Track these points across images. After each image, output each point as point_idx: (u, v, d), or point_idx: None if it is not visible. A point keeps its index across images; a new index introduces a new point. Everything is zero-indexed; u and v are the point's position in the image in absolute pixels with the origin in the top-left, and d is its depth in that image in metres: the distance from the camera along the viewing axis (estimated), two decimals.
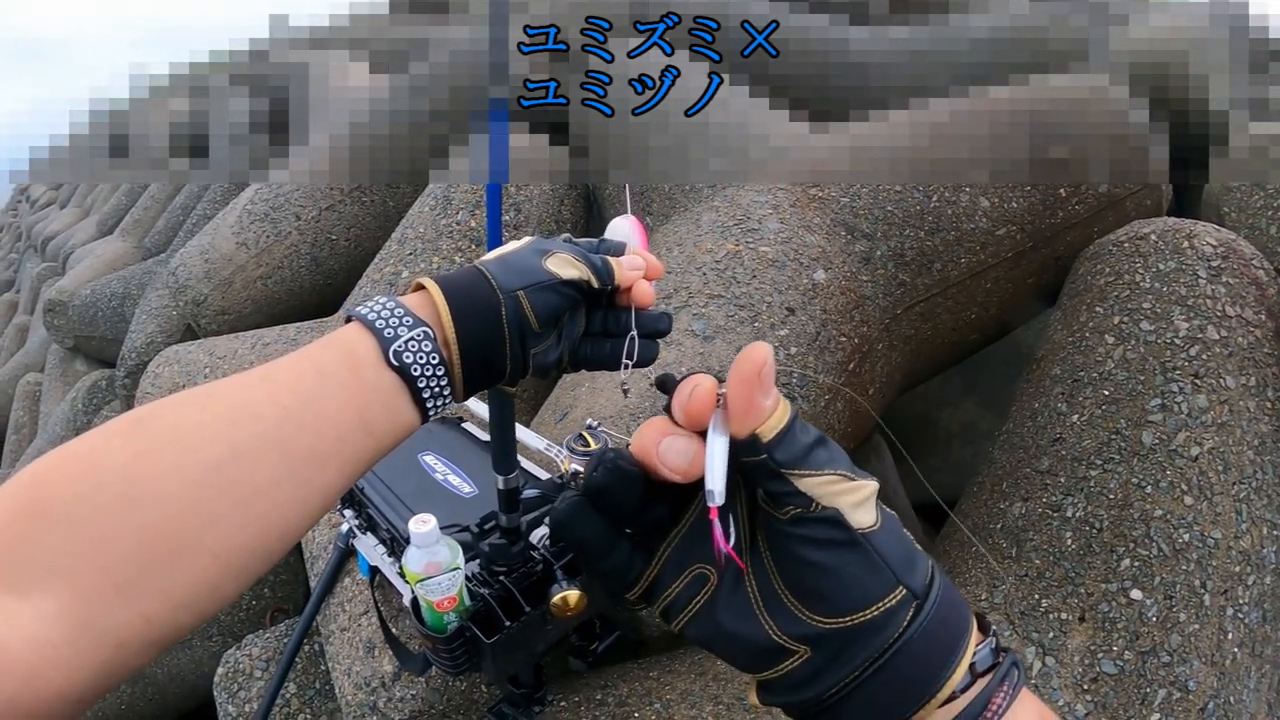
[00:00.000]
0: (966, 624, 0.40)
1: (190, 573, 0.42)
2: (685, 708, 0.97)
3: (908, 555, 0.40)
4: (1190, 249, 1.16)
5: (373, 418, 0.50)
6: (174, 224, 3.50)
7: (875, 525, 0.39)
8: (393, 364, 0.50)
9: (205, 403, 0.46)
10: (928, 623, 0.39)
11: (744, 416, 0.38)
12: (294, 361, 0.50)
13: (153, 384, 1.86)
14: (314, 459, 0.47)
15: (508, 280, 0.55)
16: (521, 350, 0.56)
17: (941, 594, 0.40)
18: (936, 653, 0.39)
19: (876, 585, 0.38)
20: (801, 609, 0.39)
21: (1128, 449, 1.09)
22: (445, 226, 1.59)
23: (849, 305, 1.22)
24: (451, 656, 0.81)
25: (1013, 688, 0.41)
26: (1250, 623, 1.06)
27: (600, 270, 0.58)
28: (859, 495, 0.39)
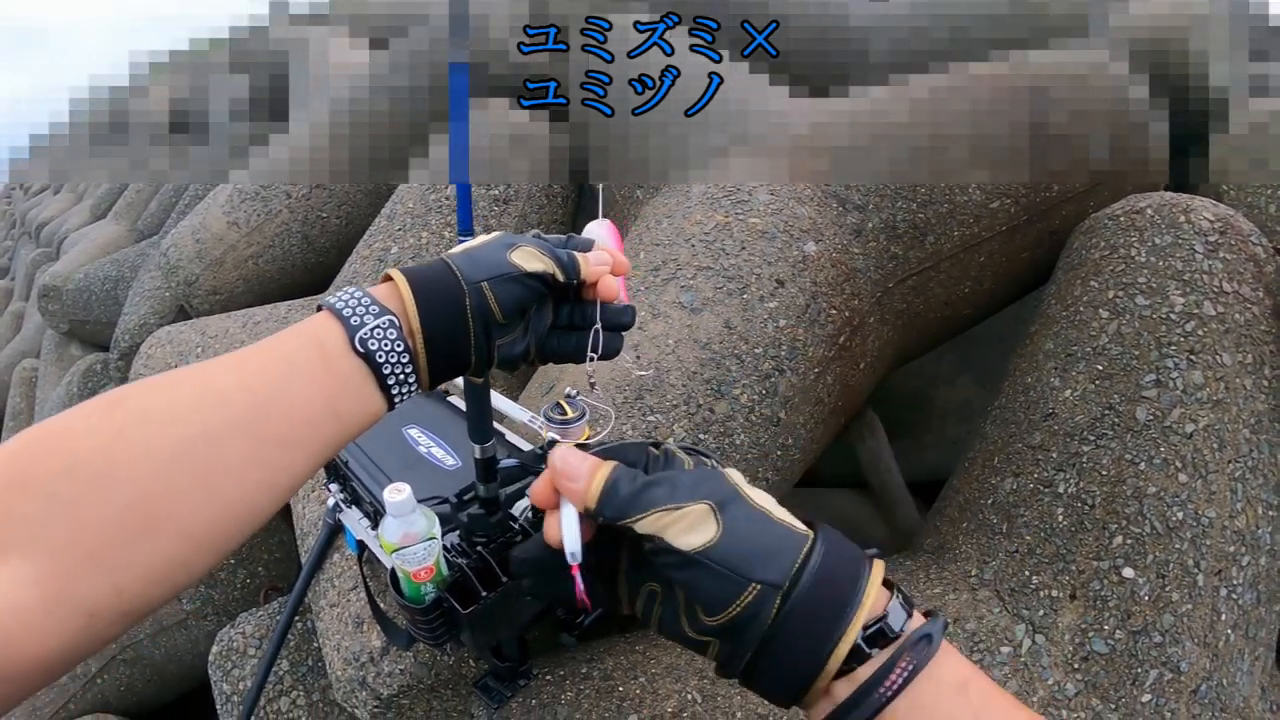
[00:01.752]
0: (851, 600, 0.47)
1: (161, 548, 0.44)
2: (670, 681, 0.96)
3: (764, 552, 0.48)
4: (1187, 224, 1.14)
5: (340, 404, 0.52)
6: (167, 205, 3.49)
7: (711, 540, 0.48)
8: (358, 350, 0.52)
9: (179, 387, 0.48)
10: (798, 606, 0.46)
11: (571, 498, 0.52)
12: (264, 348, 0.52)
13: (146, 365, 1.85)
14: (282, 443, 0.49)
15: (472, 272, 0.57)
16: (486, 341, 0.57)
17: (817, 576, 0.47)
18: (815, 629, 0.46)
19: (727, 589, 0.47)
20: (688, 612, 0.49)
21: (1121, 425, 1.07)
22: (434, 202, 1.58)
23: (840, 278, 1.21)
24: (430, 627, 0.81)
25: (916, 660, 0.46)
26: (1244, 604, 1.04)
27: (566, 264, 0.60)
28: (684, 522, 0.48)
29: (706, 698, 0.95)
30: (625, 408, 1.04)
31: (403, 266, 0.58)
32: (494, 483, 0.79)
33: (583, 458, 0.53)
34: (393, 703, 1.04)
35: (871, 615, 0.47)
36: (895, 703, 0.46)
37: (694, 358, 1.07)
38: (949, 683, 0.47)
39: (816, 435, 1.19)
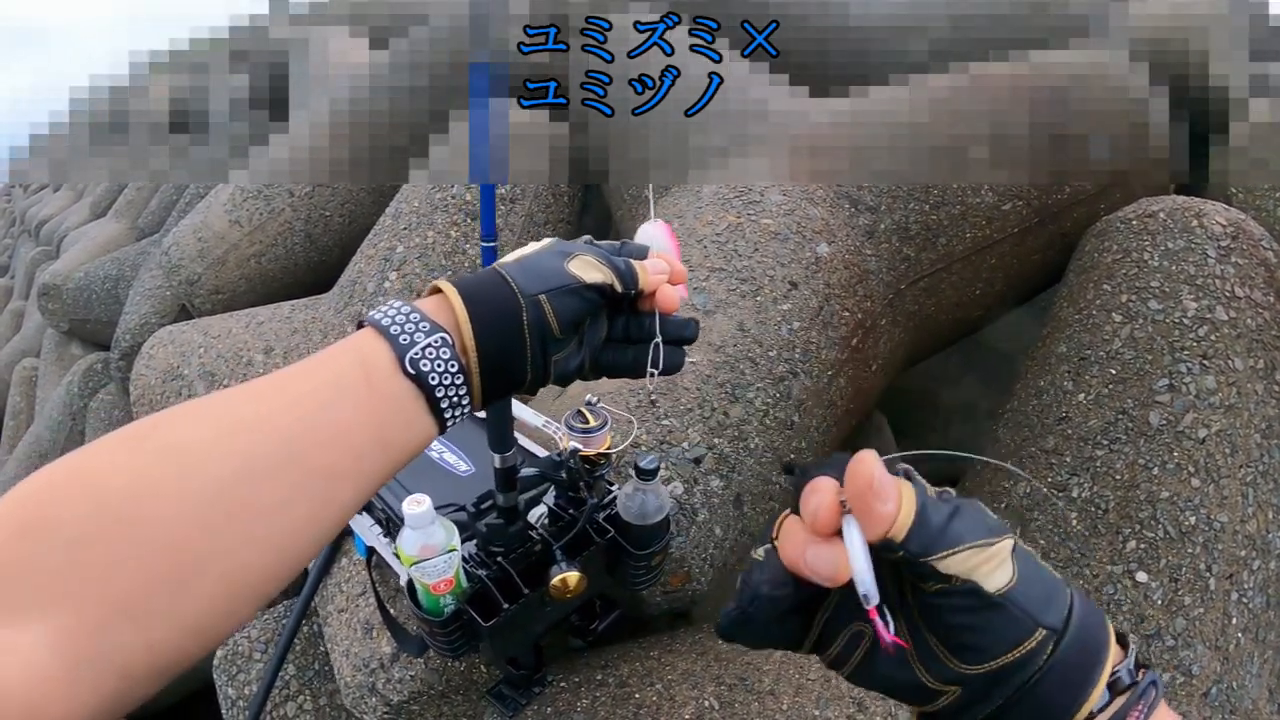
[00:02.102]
0: (1104, 647, 0.42)
1: (198, 598, 0.40)
2: (686, 688, 0.95)
3: (1046, 595, 0.42)
4: (1199, 228, 1.14)
5: (388, 431, 0.48)
6: (167, 204, 3.47)
7: (1012, 581, 0.41)
8: (409, 372, 0.48)
9: (213, 417, 0.44)
10: (1066, 654, 0.42)
11: (872, 527, 0.40)
12: (304, 372, 0.47)
13: (147, 365, 1.84)
14: (326, 475, 0.45)
15: (529, 284, 0.53)
16: (543, 357, 0.54)
17: (1079, 622, 0.42)
18: (1075, 678, 0.42)
19: (1017, 633, 0.41)
20: (950, 659, 0.42)
21: (1134, 429, 1.07)
22: (440, 201, 1.57)
23: (852, 279, 1.20)
24: (448, 640, 0.80)
25: (1148, 707, 0.42)
26: (1255, 608, 1.04)
27: (624, 273, 0.57)
28: (994, 562, 0.41)
29: (724, 704, 0.94)
30: (638, 412, 1.04)
31: (452, 277, 0.54)
32: (514, 492, 0.78)
33: (888, 475, 0.42)
34: (403, 709, 1.04)
35: (1114, 663, 0.43)
36: None
37: (708, 361, 1.06)
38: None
39: (828, 438, 1.18)
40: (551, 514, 0.83)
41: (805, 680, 0.97)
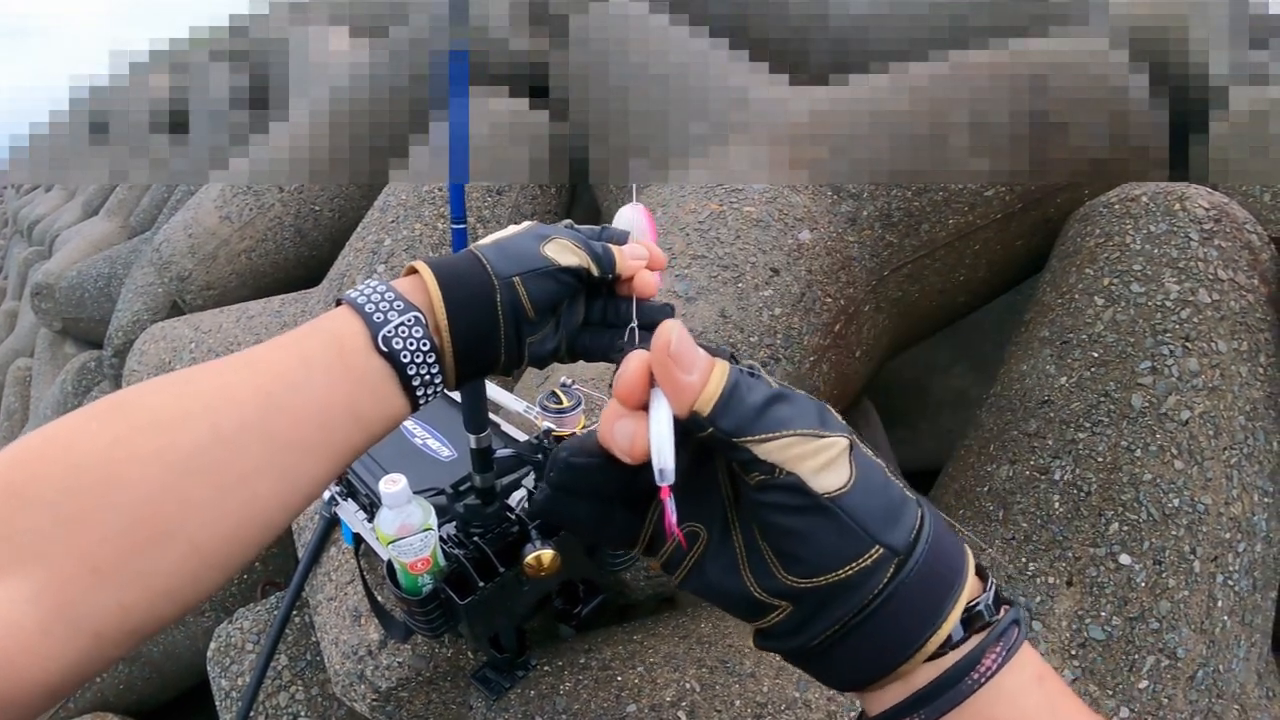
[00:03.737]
0: (959, 575, 0.40)
1: (169, 561, 0.41)
2: (668, 670, 0.96)
3: (889, 510, 0.39)
4: (1182, 211, 1.14)
5: (360, 405, 0.48)
6: (158, 201, 3.47)
7: (845, 486, 0.38)
8: (381, 350, 0.49)
9: (186, 387, 0.44)
10: (911, 578, 0.39)
11: (674, 396, 0.38)
12: (279, 345, 0.48)
13: (139, 361, 1.84)
14: (298, 447, 0.45)
15: (504, 266, 0.53)
16: (517, 339, 0.54)
17: (929, 548, 0.39)
18: (921, 609, 0.39)
19: (848, 547, 0.38)
20: (779, 569, 0.39)
21: (1117, 412, 1.07)
22: (427, 194, 1.57)
23: (834, 266, 1.20)
24: (427, 619, 0.80)
25: (1008, 647, 0.40)
26: (1240, 590, 1.05)
27: (601, 258, 0.57)
28: (822, 457, 0.38)
29: (705, 686, 0.95)
30: None
31: (427, 258, 0.55)
32: (490, 473, 0.79)
33: (696, 346, 0.39)
34: (391, 695, 1.04)
35: (972, 597, 0.41)
36: (980, 691, 0.40)
37: None
38: (1030, 673, 0.41)
39: None
40: (530, 496, 0.83)
41: (785, 663, 0.97)
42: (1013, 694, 0.40)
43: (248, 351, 0.47)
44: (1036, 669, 0.41)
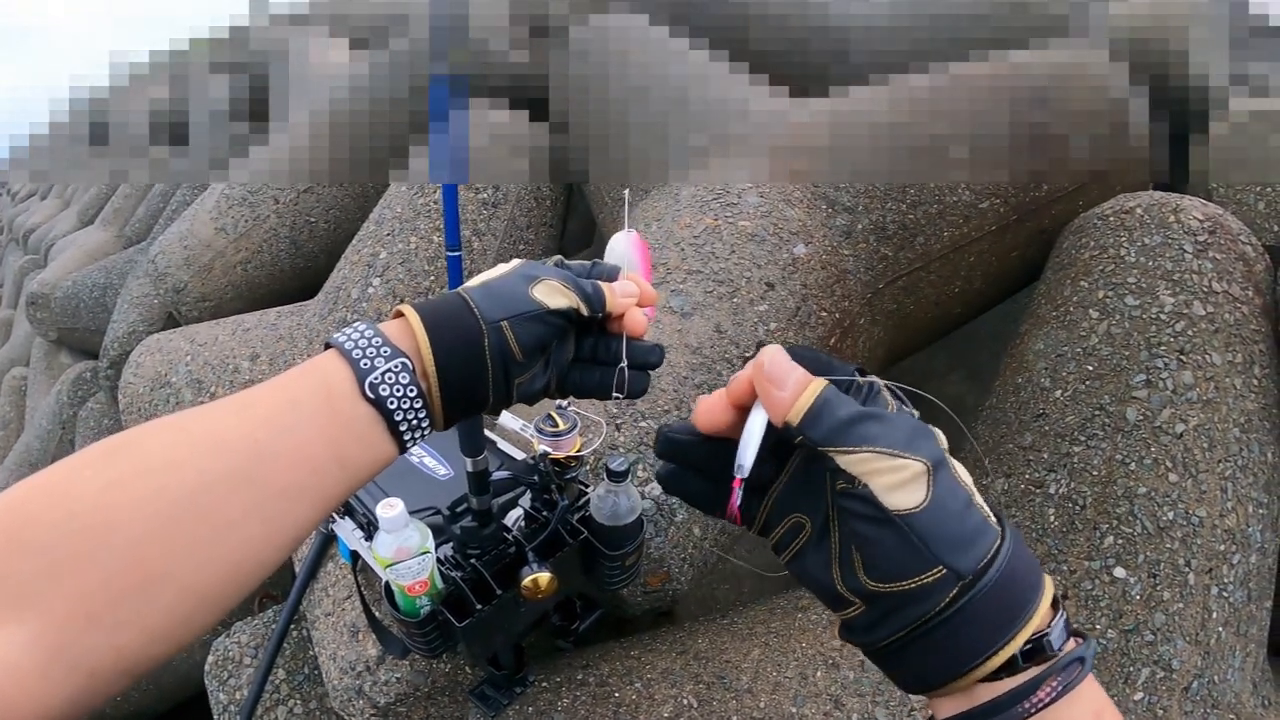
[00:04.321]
0: (1025, 609, 0.42)
1: (161, 604, 0.42)
2: (665, 686, 0.96)
3: (961, 536, 0.42)
4: (1176, 223, 1.14)
5: (347, 451, 0.49)
6: (154, 211, 3.46)
7: (918, 506, 0.41)
8: (368, 396, 0.49)
9: (176, 434, 0.45)
10: (975, 602, 0.41)
11: (769, 408, 0.44)
12: (267, 391, 0.49)
13: (135, 373, 1.84)
14: (286, 493, 0.46)
15: (492, 310, 0.54)
16: (505, 381, 0.55)
17: (999, 575, 0.42)
18: (983, 631, 0.42)
19: (913, 562, 0.41)
20: (860, 569, 0.43)
21: (1111, 425, 1.08)
22: (423, 206, 1.57)
23: (830, 280, 1.21)
24: (426, 640, 0.80)
25: (1066, 683, 0.42)
26: (1235, 602, 1.05)
27: (591, 298, 0.57)
28: (898, 476, 0.41)
29: (702, 702, 0.95)
30: (616, 413, 1.04)
31: (415, 302, 0.55)
32: (486, 495, 0.79)
33: (794, 365, 0.45)
34: (390, 711, 1.04)
35: (1037, 629, 0.43)
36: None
37: (684, 362, 1.07)
38: (1086, 709, 0.43)
39: None
40: (527, 516, 0.83)
41: (783, 678, 0.97)
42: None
43: (236, 396, 0.49)
44: (1095, 706, 0.43)
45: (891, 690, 0.98)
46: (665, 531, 0.98)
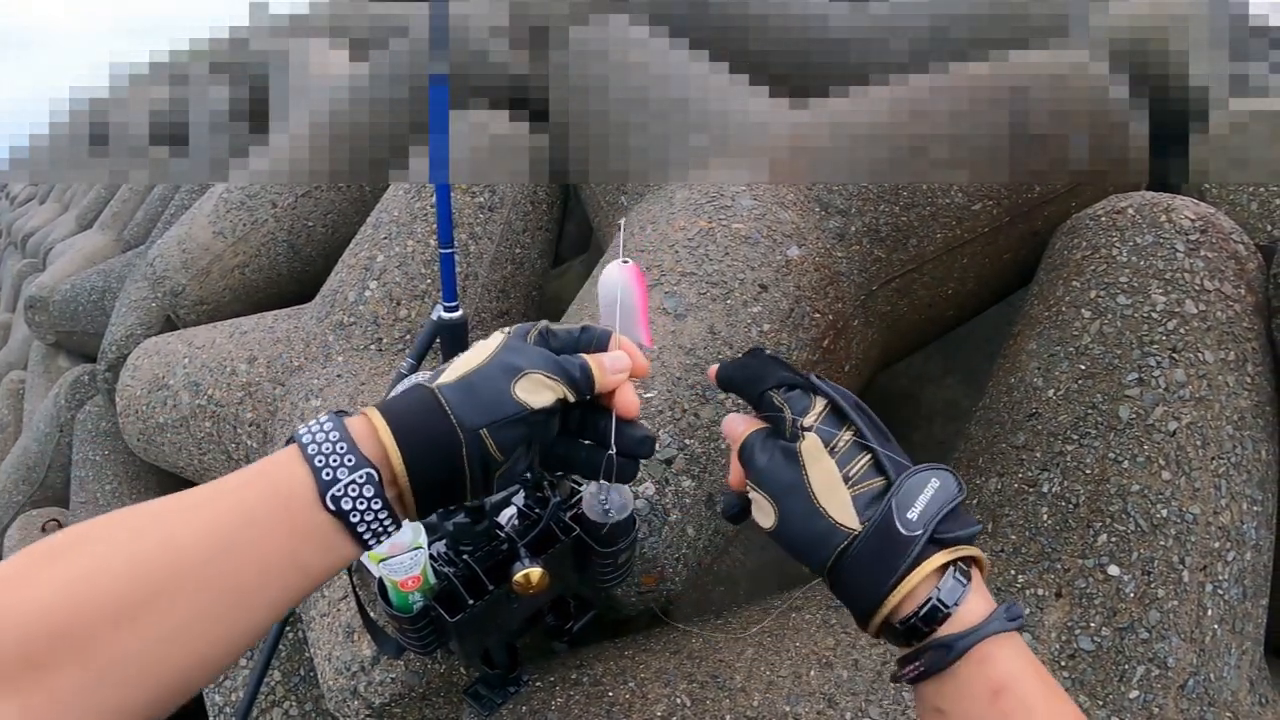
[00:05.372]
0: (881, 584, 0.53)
1: (123, 697, 0.43)
2: (659, 686, 0.96)
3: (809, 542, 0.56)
4: (1168, 223, 1.15)
5: (306, 557, 0.49)
6: (153, 215, 3.47)
7: (772, 527, 0.58)
8: (329, 508, 0.49)
9: (129, 535, 0.46)
10: (842, 577, 0.55)
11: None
12: (222, 493, 0.48)
13: (132, 376, 1.85)
14: (239, 598, 0.47)
15: (470, 416, 0.52)
16: (485, 480, 0.53)
17: (849, 564, 0.54)
18: (860, 591, 0.54)
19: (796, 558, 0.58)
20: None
21: (1104, 423, 1.08)
22: (420, 210, 1.57)
23: (823, 281, 1.21)
24: (418, 636, 0.81)
25: (927, 665, 0.51)
26: (1230, 599, 1.05)
27: (579, 382, 0.56)
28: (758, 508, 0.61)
29: (696, 701, 0.95)
30: None
31: (384, 403, 0.53)
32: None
33: (742, 421, 0.62)
34: (385, 711, 1.05)
35: (901, 612, 0.52)
36: (921, 688, 0.53)
37: (678, 363, 1.07)
38: (980, 689, 0.50)
39: None
40: (520, 514, 0.84)
41: (776, 677, 0.98)
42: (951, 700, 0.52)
43: (192, 494, 0.48)
44: (993, 685, 0.50)
45: (885, 688, 0.98)
46: (659, 531, 0.99)
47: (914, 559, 0.52)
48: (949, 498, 0.55)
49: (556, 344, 0.58)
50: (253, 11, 3.28)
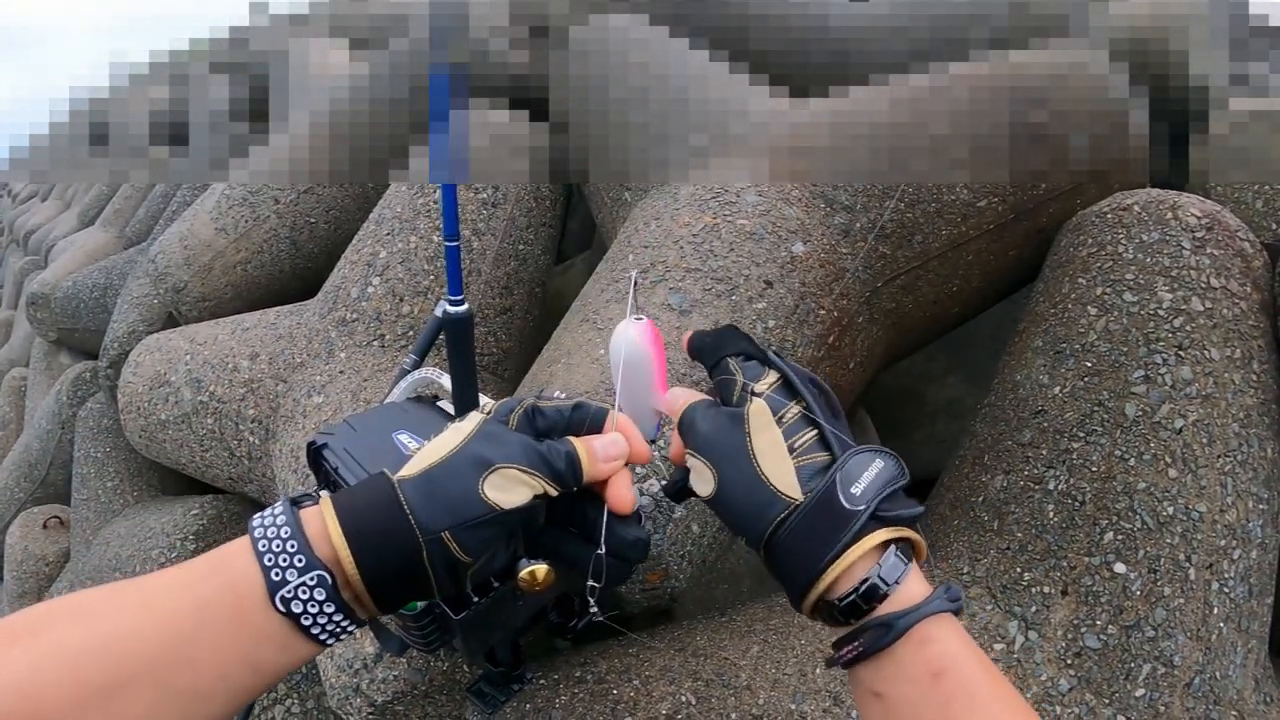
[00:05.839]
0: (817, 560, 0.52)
1: None
2: (664, 684, 0.96)
3: (748, 511, 0.55)
4: (1174, 220, 1.14)
5: (260, 657, 0.48)
6: (155, 212, 3.46)
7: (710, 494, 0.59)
8: (279, 610, 0.47)
9: (90, 621, 0.45)
10: (777, 550, 0.54)
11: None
12: (175, 587, 0.48)
13: (134, 373, 1.84)
14: (194, 695, 0.46)
15: (431, 517, 0.49)
16: (453, 580, 0.51)
17: (787, 536, 0.54)
18: (797, 567, 0.54)
19: (731, 528, 0.59)
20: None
21: (1110, 421, 1.08)
22: (422, 206, 1.57)
23: (828, 278, 1.21)
24: (422, 633, 0.80)
25: (866, 645, 0.51)
26: (1236, 597, 1.05)
27: (563, 475, 0.53)
28: (697, 475, 0.60)
29: (701, 699, 0.95)
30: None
31: (338, 497, 0.51)
32: None
33: (684, 393, 0.64)
34: (387, 709, 1.04)
35: (839, 589, 0.52)
36: (858, 672, 0.53)
37: (683, 359, 1.07)
38: (919, 671, 0.49)
39: None
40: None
41: (782, 675, 0.97)
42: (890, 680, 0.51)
43: (146, 585, 0.48)
44: (934, 666, 0.49)
45: None
46: (663, 529, 0.98)
47: (855, 533, 0.51)
48: (891, 478, 0.54)
49: (544, 425, 0.55)
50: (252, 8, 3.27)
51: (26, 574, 2.57)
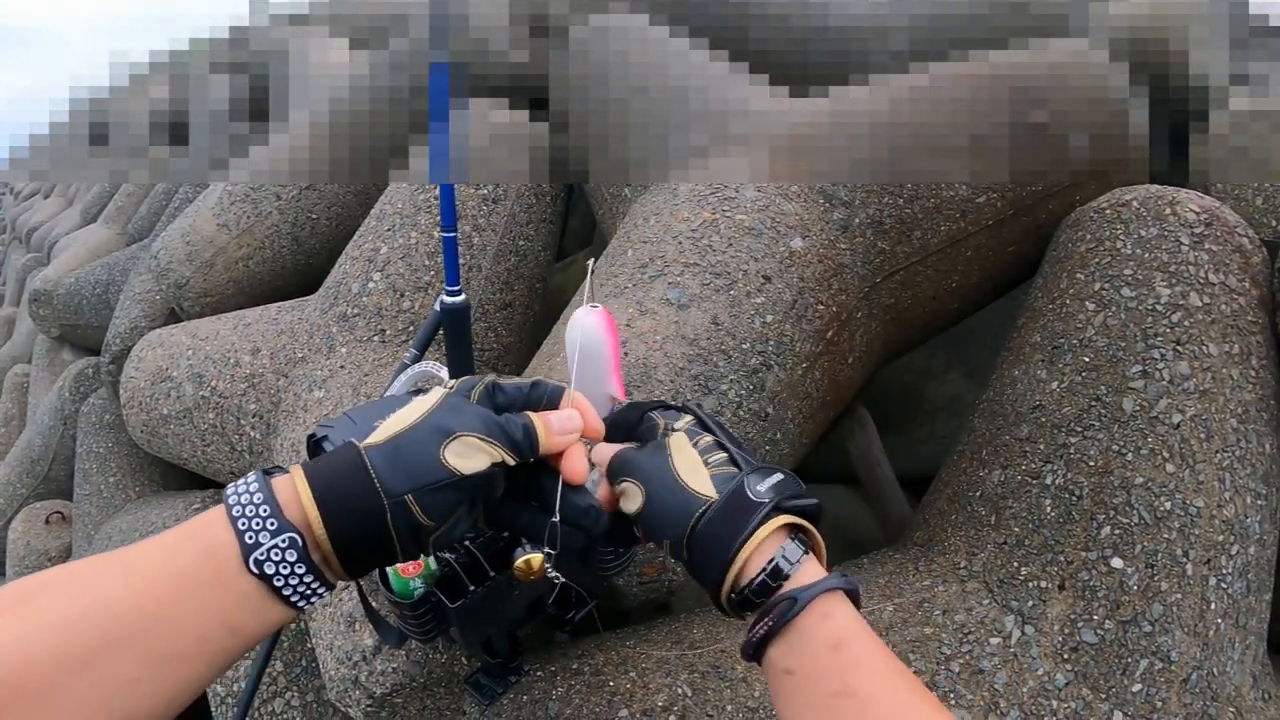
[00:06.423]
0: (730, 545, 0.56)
1: None
2: (660, 675, 0.96)
3: (669, 518, 0.59)
4: (1173, 215, 1.14)
5: (237, 619, 0.50)
6: (157, 208, 3.47)
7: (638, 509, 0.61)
8: (253, 572, 0.49)
9: (75, 590, 0.47)
10: (689, 555, 0.58)
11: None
12: (154, 554, 0.49)
13: (136, 368, 1.85)
14: (175, 659, 0.48)
15: (395, 480, 0.51)
16: (416, 544, 0.53)
17: (705, 529, 0.57)
18: (710, 558, 0.57)
19: (654, 538, 0.62)
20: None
21: (1108, 416, 1.08)
22: (423, 202, 1.57)
23: (827, 273, 1.21)
24: (419, 622, 0.81)
25: (776, 619, 0.54)
26: (1234, 593, 1.05)
27: (520, 444, 0.55)
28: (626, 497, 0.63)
29: (697, 691, 0.95)
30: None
31: (312, 465, 0.53)
32: None
33: (609, 447, 0.66)
34: (386, 701, 1.05)
35: (749, 570, 0.56)
36: (770, 654, 0.55)
37: (681, 354, 1.07)
38: (819, 644, 0.53)
39: (805, 430, 1.19)
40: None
41: None
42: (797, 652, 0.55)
43: (127, 555, 0.49)
44: (834, 639, 0.53)
45: None
46: None
47: (762, 518, 0.56)
48: (791, 488, 0.59)
49: (503, 400, 0.59)
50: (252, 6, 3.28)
51: (29, 569, 2.58)
